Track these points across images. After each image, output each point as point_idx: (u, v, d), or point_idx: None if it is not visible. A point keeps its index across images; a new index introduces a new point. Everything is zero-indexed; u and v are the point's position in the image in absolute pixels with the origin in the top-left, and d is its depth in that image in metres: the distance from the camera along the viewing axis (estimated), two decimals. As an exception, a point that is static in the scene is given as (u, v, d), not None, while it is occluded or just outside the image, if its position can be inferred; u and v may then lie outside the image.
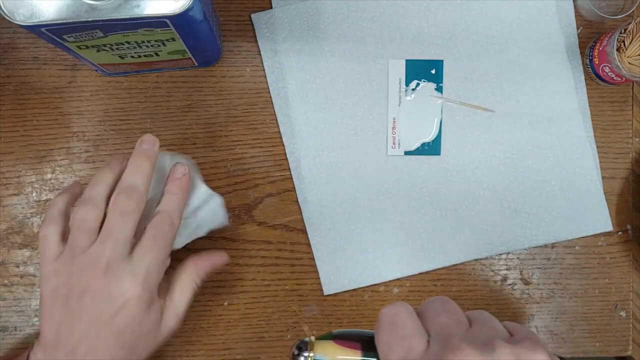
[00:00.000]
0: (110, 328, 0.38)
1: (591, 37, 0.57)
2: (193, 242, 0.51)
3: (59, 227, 0.41)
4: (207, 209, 0.49)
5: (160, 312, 0.42)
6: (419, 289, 0.57)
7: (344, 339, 0.31)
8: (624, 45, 0.52)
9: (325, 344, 0.30)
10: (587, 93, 0.57)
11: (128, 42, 0.44)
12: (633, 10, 0.54)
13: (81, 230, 0.40)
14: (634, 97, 0.58)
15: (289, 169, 0.56)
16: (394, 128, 0.56)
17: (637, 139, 0.58)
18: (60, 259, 0.40)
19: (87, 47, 0.44)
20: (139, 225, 0.41)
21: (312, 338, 0.31)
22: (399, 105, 0.56)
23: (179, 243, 0.47)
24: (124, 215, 0.40)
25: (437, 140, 0.56)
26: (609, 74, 0.54)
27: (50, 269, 0.40)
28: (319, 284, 0.55)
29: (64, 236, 0.41)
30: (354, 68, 0.56)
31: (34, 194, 0.55)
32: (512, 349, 0.27)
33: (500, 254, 0.57)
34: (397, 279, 0.56)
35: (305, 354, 0.30)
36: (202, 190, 0.48)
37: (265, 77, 0.56)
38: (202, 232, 0.49)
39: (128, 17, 0.38)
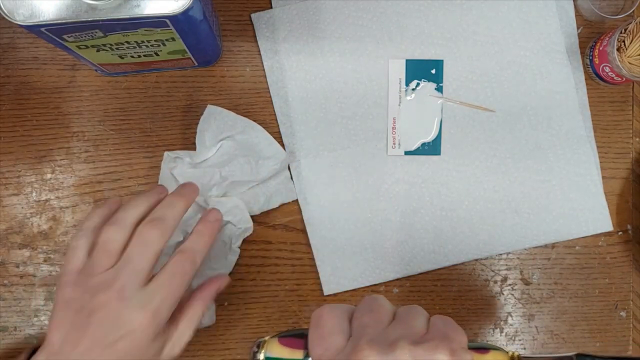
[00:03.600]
0: (112, 351, 0.38)
1: (591, 37, 0.57)
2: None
3: (89, 240, 0.41)
4: (277, 181, 0.54)
5: (163, 343, 0.41)
6: (419, 289, 0.57)
7: (290, 338, 0.33)
8: (624, 45, 0.52)
9: (272, 344, 0.33)
10: (587, 93, 0.57)
11: (128, 42, 0.44)
12: (633, 10, 0.54)
13: (104, 251, 0.40)
14: (634, 97, 0.58)
15: (289, 169, 0.55)
16: (394, 128, 0.56)
17: (637, 139, 0.58)
18: (80, 273, 0.40)
19: (87, 47, 0.44)
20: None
21: (267, 338, 0.34)
22: (399, 105, 0.56)
23: (249, 217, 0.53)
24: (146, 244, 0.40)
25: (437, 140, 0.56)
26: (609, 73, 0.54)
27: (69, 280, 0.40)
28: (319, 284, 0.55)
29: (92, 251, 0.41)
30: (354, 68, 0.56)
31: (34, 194, 0.55)
32: (411, 350, 0.28)
33: (500, 254, 0.57)
34: (397, 279, 0.56)
35: (255, 351, 0.33)
36: (273, 158, 0.53)
37: (265, 77, 0.56)
38: (275, 204, 0.54)
39: (128, 17, 0.38)
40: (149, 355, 0.40)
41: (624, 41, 0.52)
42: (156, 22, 0.40)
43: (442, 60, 0.56)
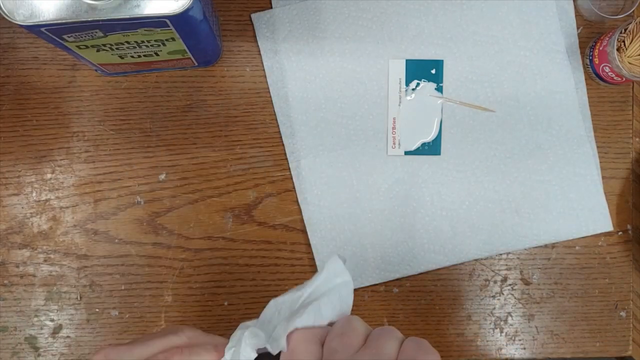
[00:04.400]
0: None
1: (591, 37, 0.57)
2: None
3: None
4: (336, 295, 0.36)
5: None
6: (419, 289, 0.57)
7: None
8: (624, 45, 0.52)
9: None
10: (587, 93, 0.57)
11: (128, 42, 0.44)
12: (633, 10, 0.54)
13: None
14: (634, 97, 0.58)
15: (289, 169, 0.55)
16: (394, 128, 0.56)
17: (637, 139, 0.58)
18: None
19: (87, 47, 0.44)
20: None
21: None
22: (399, 105, 0.56)
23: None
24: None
25: (437, 140, 0.56)
26: (609, 73, 0.54)
27: None
28: (319, 284, 0.55)
29: None
30: (354, 68, 0.56)
31: (34, 194, 0.55)
32: None
33: (500, 254, 0.57)
34: (397, 279, 0.56)
35: None
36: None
37: (265, 77, 0.56)
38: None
39: (128, 17, 0.38)
40: None
41: (624, 41, 0.52)
42: (156, 22, 0.40)
43: (442, 60, 0.56)
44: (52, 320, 0.55)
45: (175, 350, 0.37)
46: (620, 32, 0.52)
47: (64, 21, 0.38)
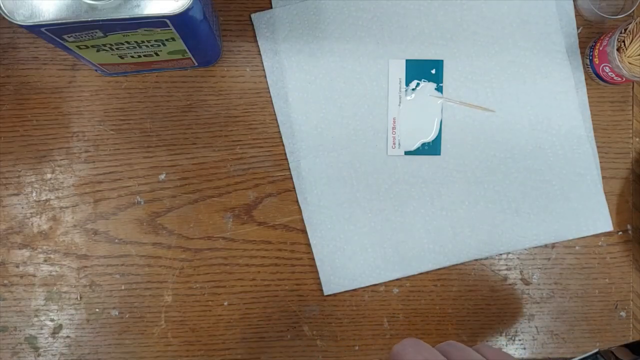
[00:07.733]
0: None
1: (591, 37, 0.57)
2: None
3: None
4: None
5: None
6: (419, 289, 0.57)
7: None
8: (624, 45, 0.52)
9: None
10: (587, 93, 0.57)
11: (128, 42, 0.44)
12: (633, 10, 0.54)
13: None
14: (634, 97, 0.58)
15: (289, 169, 0.56)
16: (394, 128, 0.56)
17: (637, 139, 0.58)
18: None
19: (87, 47, 0.44)
20: None
21: None
22: (399, 105, 0.56)
23: None
24: None
25: (437, 140, 0.56)
26: (609, 73, 0.54)
27: None
28: (319, 284, 0.55)
29: None
30: (354, 68, 0.56)
31: (34, 194, 0.55)
32: None
33: (500, 254, 0.57)
34: (397, 279, 0.56)
35: None
36: None
37: (265, 77, 0.56)
38: None
39: (128, 17, 0.38)
40: None
41: (624, 41, 0.52)
42: (156, 22, 0.40)
43: (442, 60, 0.56)
44: (52, 320, 0.55)
45: None
46: (620, 32, 0.52)
47: (64, 21, 0.38)
